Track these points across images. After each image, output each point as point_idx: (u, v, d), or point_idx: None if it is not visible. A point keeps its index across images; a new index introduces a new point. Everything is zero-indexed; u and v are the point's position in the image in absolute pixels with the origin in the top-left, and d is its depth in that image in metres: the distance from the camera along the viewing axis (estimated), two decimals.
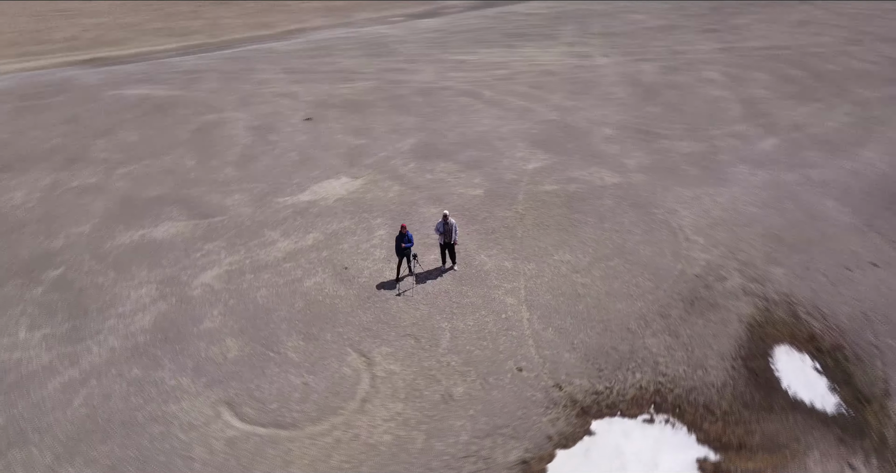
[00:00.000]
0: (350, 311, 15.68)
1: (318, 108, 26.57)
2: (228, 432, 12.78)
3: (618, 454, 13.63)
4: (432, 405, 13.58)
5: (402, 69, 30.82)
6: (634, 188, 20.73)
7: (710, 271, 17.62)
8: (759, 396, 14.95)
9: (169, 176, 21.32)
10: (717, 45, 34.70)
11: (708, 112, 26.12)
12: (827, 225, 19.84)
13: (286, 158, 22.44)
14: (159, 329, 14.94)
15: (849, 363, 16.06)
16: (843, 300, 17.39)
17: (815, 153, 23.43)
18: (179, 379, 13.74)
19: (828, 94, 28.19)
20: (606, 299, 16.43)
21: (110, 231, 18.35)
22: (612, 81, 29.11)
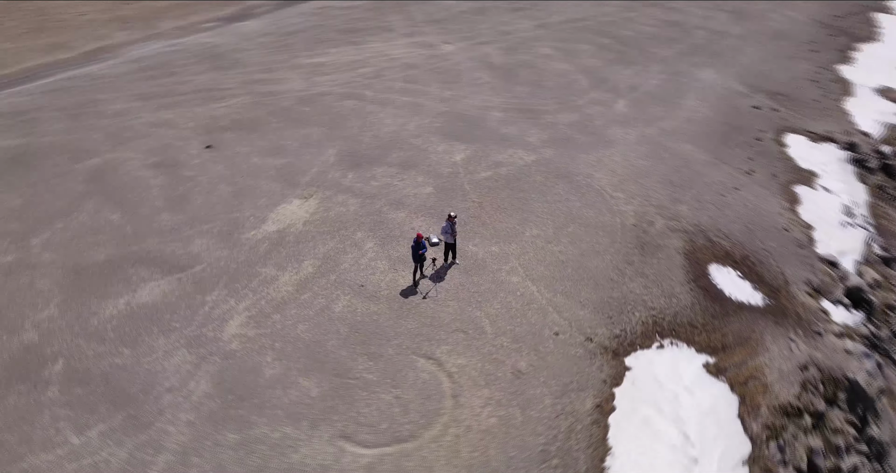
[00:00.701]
0: (393, 323, 16.62)
1: (208, 133, 25.17)
2: (362, 460, 13.43)
3: (652, 377, 16.93)
4: (509, 383, 15.48)
5: (265, 80, 29.96)
6: (550, 162, 23.92)
7: (641, 219, 21.56)
8: (716, 306, 19.32)
9: (101, 235, 19.24)
10: (532, 22, 39.15)
11: (564, 85, 30.23)
12: (695, 165, 25.09)
13: (218, 191, 21.45)
14: (225, 390, 14.52)
15: (755, 266, 21.25)
16: (730, 219, 22.59)
17: (657, 108, 28.81)
18: (281, 430, 13.80)
19: (639, 57, 34.15)
20: (583, 259, 19.45)
21: (85, 307, 16.51)
22: (470, 66, 31.77)
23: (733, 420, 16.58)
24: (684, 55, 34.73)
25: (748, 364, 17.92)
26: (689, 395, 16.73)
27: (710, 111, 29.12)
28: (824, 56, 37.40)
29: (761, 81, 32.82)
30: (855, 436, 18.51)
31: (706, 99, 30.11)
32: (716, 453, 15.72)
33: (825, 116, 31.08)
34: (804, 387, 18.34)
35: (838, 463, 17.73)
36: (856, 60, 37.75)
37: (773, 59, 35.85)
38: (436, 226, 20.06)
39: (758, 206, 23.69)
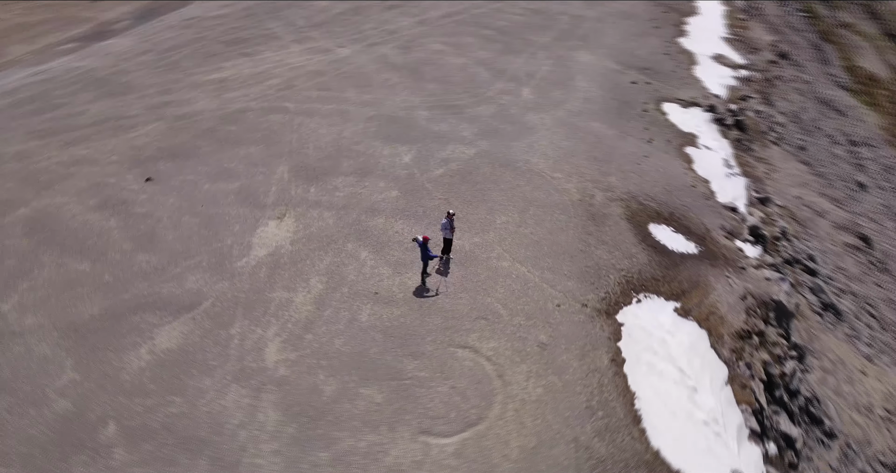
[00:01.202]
0: (419, 322, 17.72)
1: (138, 165, 23.75)
2: (448, 450, 14.65)
3: (641, 328, 19.69)
4: (539, 355, 17.36)
5: (171, 102, 28.38)
6: (489, 153, 25.83)
7: (583, 194, 24.28)
8: (666, 259, 22.57)
9: (80, 288, 17.93)
10: (411, 19, 40.28)
11: (468, 78, 32.11)
12: (607, 140, 28.35)
13: (185, 224, 20.68)
14: (296, 415, 14.89)
15: (681, 220, 24.89)
16: (651, 184, 26.09)
17: (556, 92, 31.78)
18: (365, 438, 14.56)
19: (522, 45, 36.90)
20: (552, 237, 21.74)
21: (106, 364, 15.65)
22: (374, 69, 32.41)
23: (708, 350, 19.84)
24: (559, 40, 38.18)
25: (704, 303, 21.34)
26: (671, 337, 19.70)
27: (600, 90, 32.69)
28: (666, 31, 42.95)
29: (628, 59, 37.19)
30: (786, 345, 22.87)
31: (593, 79, 33.68)
32: (706, 380, 18.84)
33: (685, 84, 36.10)
34: (747, 313, 22.25)
35: (783, 369, 21.91)
36: (689, 33, 43.77)
37: (630, 37, 40.57)
38: (417, 227, 21.21)
39: (666, 169, 27.49)
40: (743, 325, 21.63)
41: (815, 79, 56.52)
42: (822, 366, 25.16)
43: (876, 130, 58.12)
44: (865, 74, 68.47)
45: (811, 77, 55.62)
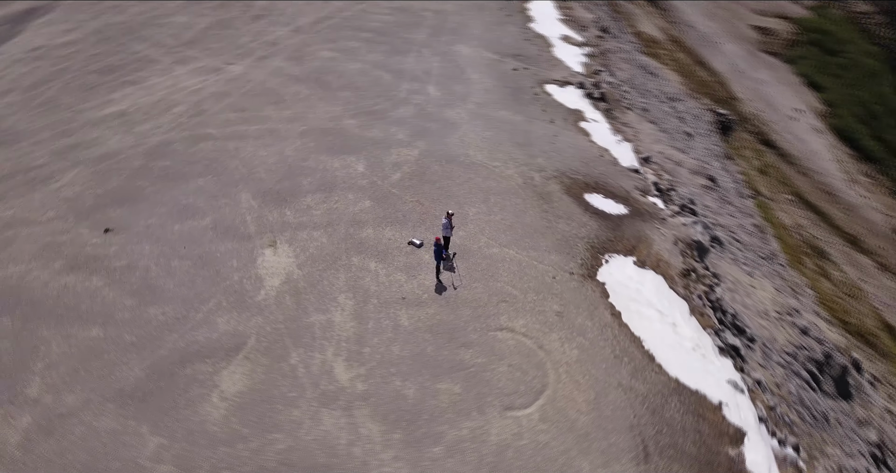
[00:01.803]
0: (455, 316, 19.31)
1: (86, 218, 21.92)
2: (533, 417, 16.70)
3: (618, 283, 23.00)
4: (559, 323, 19.90)
5: (78, 144, 25.71)
6: (431, 152, 27.49)
7: (524, 177, 27.02)
8: (609, 222, 26.15)
9: (106, 356, 16.70)
10: (284, 28, 39.46)
11: (374, 83, 33.06)
12: (519, 125, 31.29)
13: (179, 269, 19.85)
14: (392, 423, 15.93)
15: (605, 186, 28.65)
16: (570, 159, 29.56)
17: (458, 86, 34.02)
18: (464, 426, 16.10)
19: (404, 44, 38.34)
20: (519, 219, 24.26)
21: (183, 422, 15.07)
22: (278, 83, 31.91)
23: (669, 291, 23.74)
24: (434, 36, 40.29)
25: (651, 253, 25.25)
26: (641, 286, 23.28)
27: (492, 80, 35.54)
28: (517, 19, 46.92)
29: (499, 47, 40.44)
30: (711, 275, 27.74)
31: (481, 71, 36.40)
32: (677, 315, 22.69)
33: (552, 65, 40.23)
34: (682, 255, 26.64)
35: (715, 295, 26.66)
36: (535, 19, 48.20)
37: (491, 27, 43.86)
38: (405, 231, 22.51)
39: (575, 144, 31.16)
40: (682, 265, 25.95)
41: (627, 47, 64.71)
42: (728, 287, 30.69)
43: (678, 85, 68.13)
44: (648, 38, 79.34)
45: (624, 46, 63.61)
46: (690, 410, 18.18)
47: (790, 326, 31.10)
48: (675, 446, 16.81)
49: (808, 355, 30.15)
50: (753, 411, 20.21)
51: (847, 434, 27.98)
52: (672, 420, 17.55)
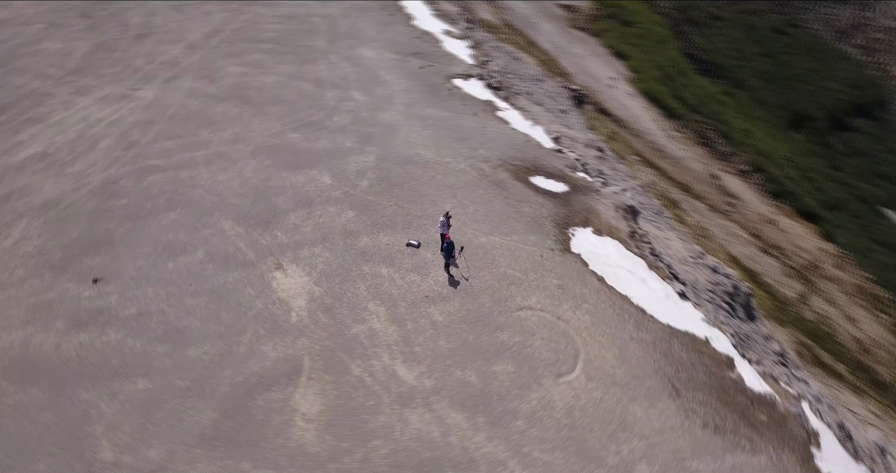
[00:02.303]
0: (477, 305, 20.85)
1: (61, 271, 20.10)
2: (581, 378, 18.83)
3: (589, 252, 25.71)
4: (563, 295, 22.22)
5: (12, 194, 22.84)
6: (385, 156, 28.33)
7: (476, 169, 28.93)
8: (560, 200, 28.84)
9: (167, 403, 15.77)
10: (176, 45, 36.97)
11: (298, 94, 32.76)
12: (449, 121, 32.97)
13: (197, 307, 19.11)
14: (471, 408, 17.28)
15: (543, 168, 31.30)
16: (506, 147, 31.89)
17: (379, 89, 34.84)
18: (531, 397, 17.83)
19: (309, 52, 37.99)
20: (489, 207, 26.18)
21: (280, 450, 15.11)
22: (201, 104, 30.34)
23: (627, 252, 26.95)
24: (333, 42, 40.45)
25: (602, 222, 28.33)
26: (606, 251, 26.24)
27: (406, 80, 36.78)
28: (399, 17, 48.19)
29: (398, 47, 41.60)
30: (645, 233, 31.52)
31: (392, 72, 37.46)
32: (642, 272, 25.95)
33: (450, 60, 42.22)
34: (624, 219, 30.05)
35: (641, 251, 30.43)
36: (414, 16, 49.77)
37: (382, 28, 44.77)
38: (399, 234, 23.52)
39: (503, 133, 33.50)
40: (627, 228, 29.37)
41: (488, 36, 68.44)
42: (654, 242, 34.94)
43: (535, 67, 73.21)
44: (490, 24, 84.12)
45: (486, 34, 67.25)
46: (690, 348, 21.33)
47: (703, 267, 36.11)
48: (693, 379, 19.81)
49: (723, 289, 35.28)
50: (727, 340, 23.99)
51: (763, 349, 33.38)
52: (681, 359, 20.56)
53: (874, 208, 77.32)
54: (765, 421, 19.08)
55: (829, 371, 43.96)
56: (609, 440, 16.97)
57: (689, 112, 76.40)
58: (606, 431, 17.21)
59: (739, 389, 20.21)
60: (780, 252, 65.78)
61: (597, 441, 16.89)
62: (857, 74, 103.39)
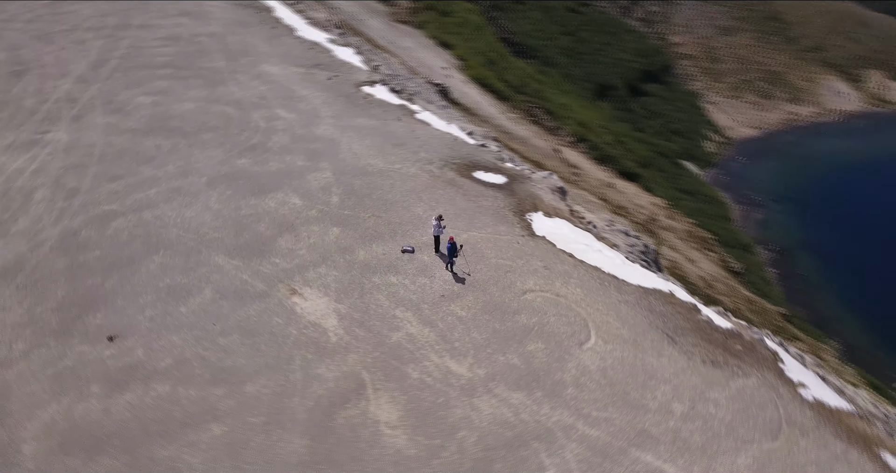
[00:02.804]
0: (489, 295, 22.67)
1: (67, 333, 18.39)
2: (599, 343, 21.39)
3: (550, 233, 28.41)
4: (551, 274, 24.73)
5: None
6: (341, 170, 28.87)
7: (426, 171, 30.52)
8: (506, 190, 31.27)
9: (253, 439, 15.81)
10: (66, 80, 33.38)
11: (224, 118, 31.73)
12: (381, 128, 34.04)
13: (232, 345, 18.61)
14: (527, 385, 19.20)
15: (480, 164, 33.50)
16: (441, 147, 33.71)
17: (301, 105, 34.88)
18: (568, 367, 20.12)
19: (215, 74, 36.61)
20: (455, 206, 28.00)
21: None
22: (127, 141, 27.87)
23: (576, 228, 30.08)
24: (232, 61, 39.32)
25: (547, 205, 31.20)
26: (561, 230, 29.15)
27: (322, 92, 37.07)
28: (282, 30, 47.64)
29: (297, 60, 41.43)
30: (574, 208, 34.96)
31: (305, 85, 37.50)
32: (594, 242, 29.21)
33: (349, 69, 42.89)
34: (561, 200, 33.15)
35: (592, 222, 33.93)
36: (295, 28, 49.41)
37: (272, 42, 44.08)
38: (390, 243, 24.58)
39: (433, 134, 35.21)
40: (565, 207, 32.59)
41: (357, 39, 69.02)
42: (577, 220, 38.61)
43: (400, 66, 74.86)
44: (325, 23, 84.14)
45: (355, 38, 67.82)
46: (663, 301, 24.80)
47: (619, 233, 40.61)
48: (679, 326, 23.24)
49: (639, 249, 39.95)
50: (682, 290, 27.94)
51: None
52: (662, 312, 23.93)
53: (674, 161, 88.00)
54: (741, 350, 22.97)
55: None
56: (644, 389, 19.74)
57: (515, 93, 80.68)
58: (638, 382, 19.97)
59: (712, 328, 23.98)
60: (625, 211, 73.44)
61: (635, 392, 19.58)
62: (642, 45, 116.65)
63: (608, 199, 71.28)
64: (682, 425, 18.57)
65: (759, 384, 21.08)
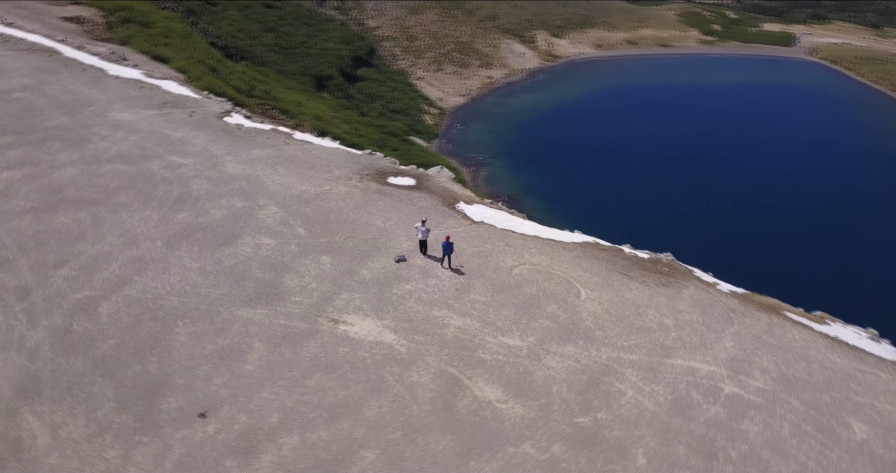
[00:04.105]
0: (489, 280, 26.06)
1: (151, 426, 17.48)
2: (602, 295, 26.24)
3: (485, 218, 32.35)
4: (516, 249, 28.96)
5: None
6: (283, 202, 29.26)
7: (351, 186, 32.24)
8: (426, 190, 34.34)
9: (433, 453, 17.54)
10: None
11: (123, 175, 29.17)
12: (279, 154, 34.40)
13: (322, 382, 19.25)
14: (570, 336, 23.33)
15: (386, 171, 35.78)
16: (346, 162, 35.67)
17: (189, 147, 33.46)
18: (584, 318, 24.66)
19: (65, 133, 32.86)
20: (402, 212, 30.55)
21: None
22: (34, 221, 25.10)
23: (492, 209, 34.41)
24: (75, 114, 35.14)
25: (461, 194, 34.98)
26: (486, 212, 33.27)
27: (196, 131, 35.63)
28: (92, 72, 43.06)
29: (142, 102, 38.58)
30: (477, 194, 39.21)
31: (176, 128, 35.57)
32: (515, 219, 33.89)
33: (193, 101, 41.13)
34: (464, 188, 37.00)
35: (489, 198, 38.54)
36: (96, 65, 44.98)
37: (97, 85, 39.87)
38: (381, 256, 26.41)
39: (326, 151, 36.41)
40: (471, 193, 36.67)
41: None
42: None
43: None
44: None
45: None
46: (597, 248, 30.52)
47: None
48: (622, 264, 29.12)
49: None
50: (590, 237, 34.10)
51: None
52: (605, 257, 29.64)
53: (403, 138, 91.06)
54: (668, 270, 29.70)
55: None
56: (639, 316, 25.12)
57: (248, 98, 74.91)
58: (633, 313, 25.30)
59: (639, 259, 30.38)
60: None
61: (636, 320, 24.86)
62: (344, 32, 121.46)
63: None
64: (679, 333, 24.38)
65: (697, 290, 27.86)
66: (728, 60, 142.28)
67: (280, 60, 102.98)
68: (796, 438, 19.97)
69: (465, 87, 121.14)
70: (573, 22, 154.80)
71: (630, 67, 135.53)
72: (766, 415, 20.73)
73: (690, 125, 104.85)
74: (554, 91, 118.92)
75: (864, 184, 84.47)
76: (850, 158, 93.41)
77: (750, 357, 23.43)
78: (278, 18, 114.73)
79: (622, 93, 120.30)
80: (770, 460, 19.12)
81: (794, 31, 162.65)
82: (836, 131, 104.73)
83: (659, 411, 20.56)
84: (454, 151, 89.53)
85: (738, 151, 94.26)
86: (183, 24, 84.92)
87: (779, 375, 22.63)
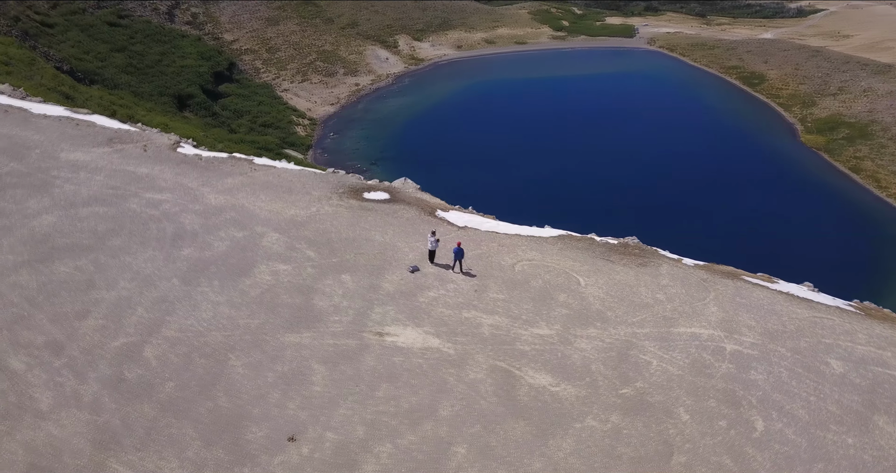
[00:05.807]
0: (499, 279, 28.12)
1: (241, 466, 17.78)
2: (590, 280, 29.01)
3: (464, 223, 34.31)
4: (508, 249, 31.15)
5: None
6: (282, 229, 29.55)
7: (336, 206, 33.10)
8: (401, 202, 35.70)
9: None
10: None
11: (107, 219, 27.33)
12: (256, 183, 34.47)
13: (388, 393, 20.52)
14: (588, 320, 25.91)
15: (359, 188, 36.73)
16: (317, 183, 36.00)
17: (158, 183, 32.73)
18: (592, 303, 27.37)
19: (31, 178, 30.86)
20: (392, 225, 31.87)
21: None
22: (30, 277, 23.58)
23: (467, 214, 36.46)
24: (18, 159, 32.86)
25: (434, 203, 36.65)
26: (463, 217, 35.28)
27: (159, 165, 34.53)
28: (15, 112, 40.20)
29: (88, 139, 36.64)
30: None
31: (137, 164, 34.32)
32: (491, 221, 36.19)
33: (135, 134, 39.70)
34: (433, 197, 38.65)
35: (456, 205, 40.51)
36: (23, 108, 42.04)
37: (25, 124, 37.34)
38: (395, 269, 27.67)
39: (295, 175, 36.77)
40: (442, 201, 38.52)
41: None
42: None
43: None
44: None
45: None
46: (575, 239, 33.46)
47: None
48: (601, 251, 32.17)
49: None
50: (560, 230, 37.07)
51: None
52: (583, 246, 32.61)
53: (278, 152, 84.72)
54: (639, 252, 33.18)
55: None
56: (636, 295, 28.20)
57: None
58: (630, 292, 28.34)
59: (611, 245, 33.63)
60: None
61: (635, 298, 27.92)
62: (201, 47, 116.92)
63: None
64: (672, 305, 27.72)
65: (670, 266, 31.47)
66: (580, 53, 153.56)
67: (135, 82, 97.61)
68: (794, 380, 23.75)
69: (333, 95, 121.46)
70: (433, 25, 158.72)
71: (491, 65, 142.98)
72: (765, 364, 24.39)
73: (558, 115, 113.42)
74: (422, 94, 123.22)
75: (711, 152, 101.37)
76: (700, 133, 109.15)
77: (734, 318, 27.17)
78: (127, 37, 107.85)
79: (487, 90, 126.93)
80: (781, 400, 22.68)
81: (633, 23, 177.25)
82: (685, 110, 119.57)
83: (683, 374, 23.61)
84: (332, 161, 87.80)
85: (608, 136, 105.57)
86: (21, 49, 78.10)
87: (762, 330, 26.49)
